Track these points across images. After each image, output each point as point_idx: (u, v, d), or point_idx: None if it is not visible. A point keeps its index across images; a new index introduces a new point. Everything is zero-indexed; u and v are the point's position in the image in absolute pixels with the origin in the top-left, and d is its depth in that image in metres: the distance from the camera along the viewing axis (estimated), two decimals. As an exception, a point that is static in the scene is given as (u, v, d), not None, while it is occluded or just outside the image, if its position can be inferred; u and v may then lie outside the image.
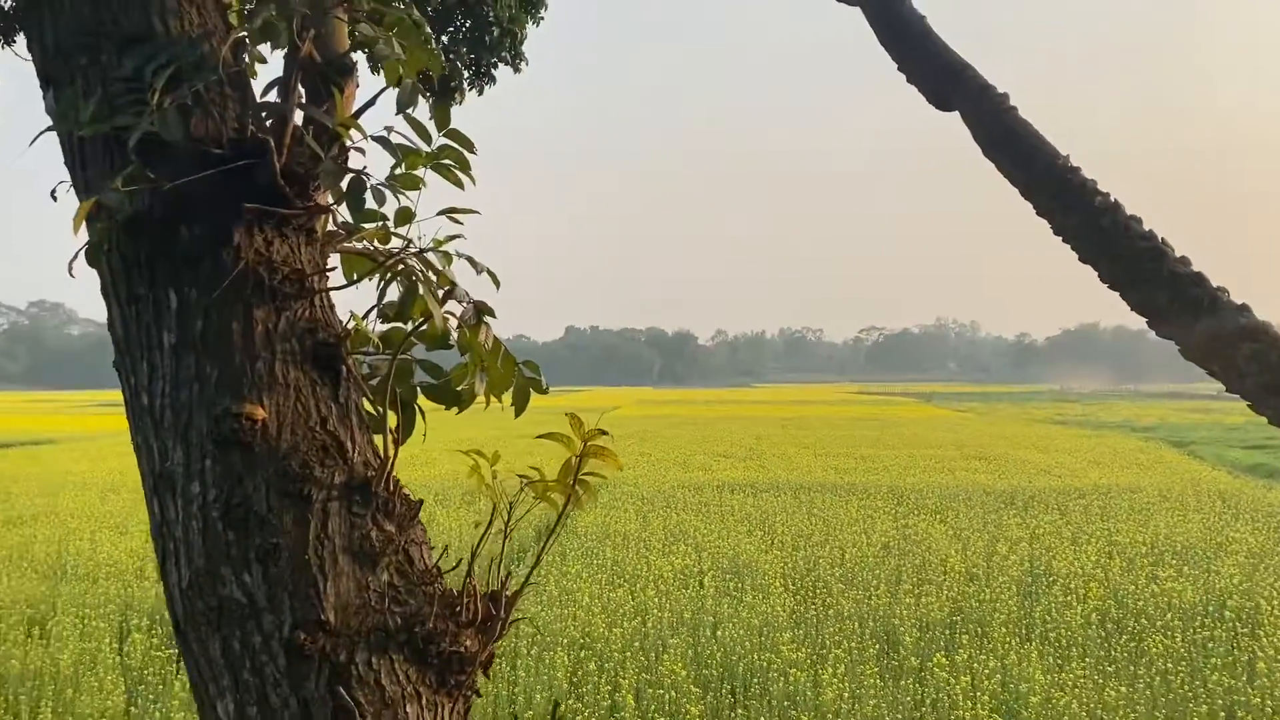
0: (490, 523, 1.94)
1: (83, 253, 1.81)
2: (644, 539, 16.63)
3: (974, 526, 18.10)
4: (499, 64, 8.12)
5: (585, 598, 12.04)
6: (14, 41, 7.84)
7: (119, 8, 1.85)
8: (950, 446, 36.68)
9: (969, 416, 63.69)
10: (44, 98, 1.95)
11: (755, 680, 9.74)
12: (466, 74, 7.96)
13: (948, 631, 11.31)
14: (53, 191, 1.87)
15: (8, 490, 24.03)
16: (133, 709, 8.77)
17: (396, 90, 1.93)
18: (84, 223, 1.78)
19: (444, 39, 7.78)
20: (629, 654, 10.01)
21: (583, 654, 10.12)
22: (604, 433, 1.94)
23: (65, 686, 9.18)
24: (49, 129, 1.90)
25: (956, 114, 2.72)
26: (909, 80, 2.87)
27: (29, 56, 1.99)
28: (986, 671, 9.57)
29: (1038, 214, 2.48)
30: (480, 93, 8.12)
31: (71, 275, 1.77)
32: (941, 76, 2.76)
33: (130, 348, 1.83)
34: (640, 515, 19.11)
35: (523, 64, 8.32)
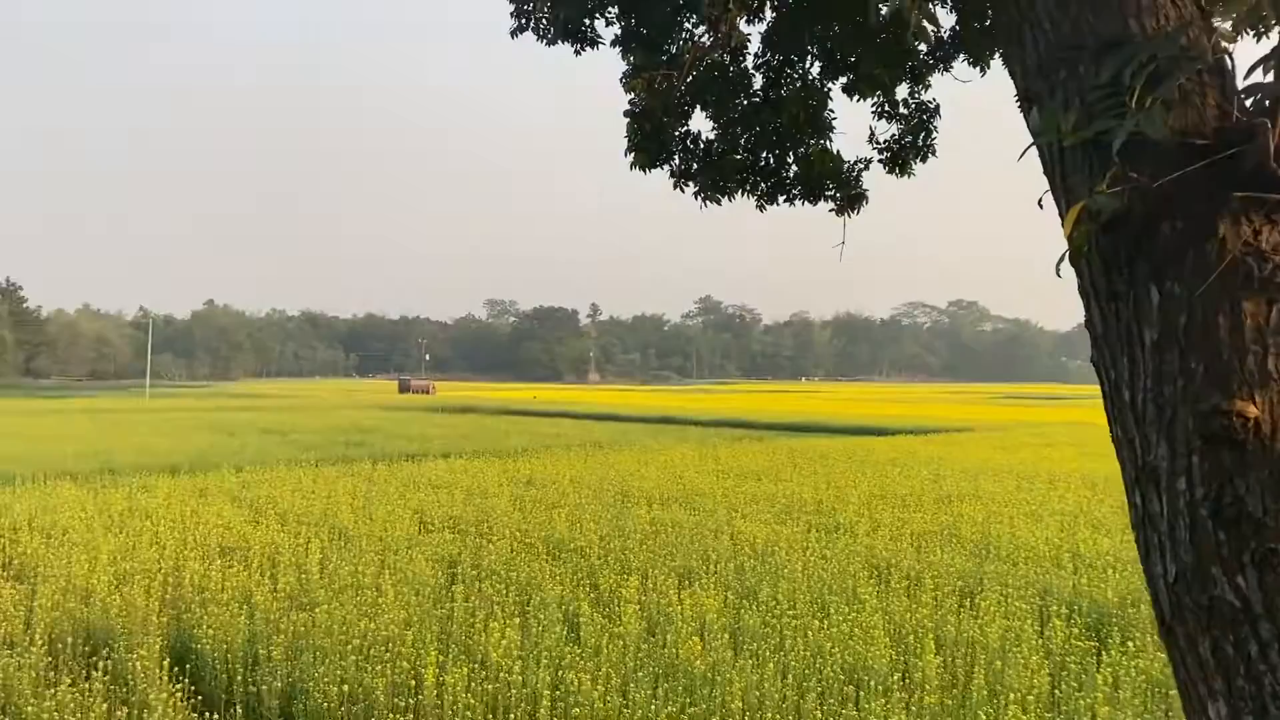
0: None
1: (1066, 255, 1.93)
2: None
3: None
4: None
5: None
6: (951, 67, 8.60)
7: (1095, 18, 1.94)
8: None
9: None
10: (1025, 116, 2.13)
11: None
12: None
13: None
14: (1039, 200, 2.03)
15: (937, 471, 26.84)
16: (1057, 692, 9.04)
17: None
18: (1071, 229, 1.89)
19: None
20: None
21: None
22: None
23: (994, 658, 9.87)
24: (1032, 144, 2.08)
25: None
26: None
27: (965, 79, 2.20)
28: None
29: None
30: None
31: (1058, 275, 1.91)
32: None
33: (1109, 343, 1.90)
34: None
35: None
